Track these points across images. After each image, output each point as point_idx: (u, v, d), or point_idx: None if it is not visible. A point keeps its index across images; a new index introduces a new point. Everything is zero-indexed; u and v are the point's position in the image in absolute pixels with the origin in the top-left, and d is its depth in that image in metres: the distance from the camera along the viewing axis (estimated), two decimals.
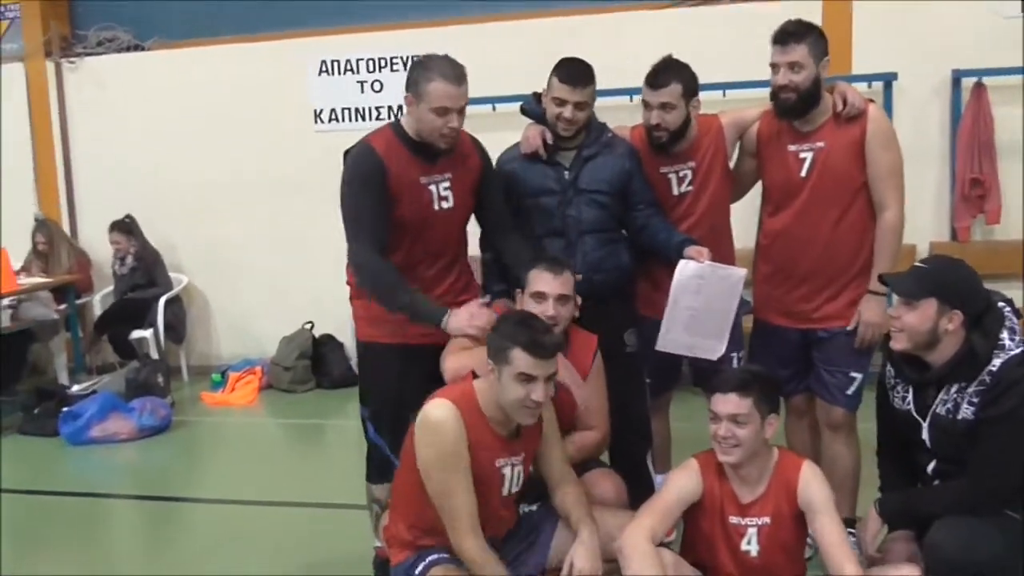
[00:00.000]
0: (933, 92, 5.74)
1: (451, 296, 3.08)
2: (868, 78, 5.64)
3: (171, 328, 6.57)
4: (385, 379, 3.09)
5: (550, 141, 3.18)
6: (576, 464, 2.93)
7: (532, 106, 3.27)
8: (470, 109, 2.99)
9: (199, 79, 6.74)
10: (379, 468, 3.16)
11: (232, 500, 4.46)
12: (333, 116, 6.50)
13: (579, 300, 2.96)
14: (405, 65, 6.41)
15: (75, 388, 5.91)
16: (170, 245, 6.89)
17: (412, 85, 2.90)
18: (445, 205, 3.00)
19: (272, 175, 6.57)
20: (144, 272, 6.53)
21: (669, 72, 3.15)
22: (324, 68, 6.52)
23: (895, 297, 2.68)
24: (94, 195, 7.07)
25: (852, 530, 3.23)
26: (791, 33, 3.05)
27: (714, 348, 3.11)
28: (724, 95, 5.39)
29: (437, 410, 2.55)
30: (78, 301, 6.73)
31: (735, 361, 3.35)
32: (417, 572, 2.59)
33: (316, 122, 6.48)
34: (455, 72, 2.87)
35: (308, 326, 6.49)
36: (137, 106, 6.86)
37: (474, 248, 3.29)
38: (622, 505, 2.91)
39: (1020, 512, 2.53)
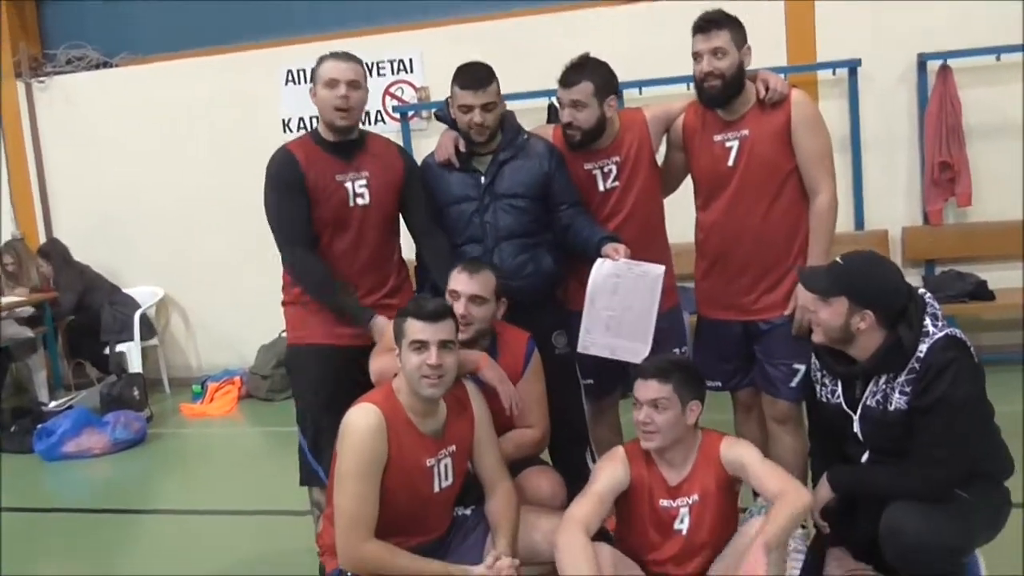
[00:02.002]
0: (899, 77, 5.71)
1: (378, 297, 3.11)
2: (832, 65, 5.65)
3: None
4: (306, 380, 3.15)
5: (462, 148, 3.17)
6: (515, 461, 2.93)
7: (445, 112, 3.25)
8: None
9: (168, 93, 6.78)
10: (304, 470, 3.19)
11: (204, 511, 4.47)
12: (301, 125, 6.53)
13: (503, 303, 2.97)
14: (371, 71, 6.43)
15: (52, 404, 5.95)
16: (147, 258, 6.96)
17: (311, 80, 3.10)
18: (361, 202, 3.07)
19: (244, 185, 6.54)
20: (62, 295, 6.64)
21: (581, 71, 3.12)
22: (291, 77, 6.55)
23: None
24: (70, 211, 7.13)
25: (803, 525, 3.23)
26: (712, 20, 3.02)
27: (637, 351, 3.03)
28: (688, 88, 5.37)
29: (360, 417, 2.56)
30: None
31: None
32: (351, 574, 2.58)
33: (284, 131, 6.51)
34: (343, 54, 3.08)
35: (285, 334, 6.48)
36: (109, 122, 6.91)
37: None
38: (559, 502, 2.90)
39: (967, 490, 2.51)
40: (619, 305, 3.03)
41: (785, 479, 2.57)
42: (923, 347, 2.50)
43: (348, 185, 3.06)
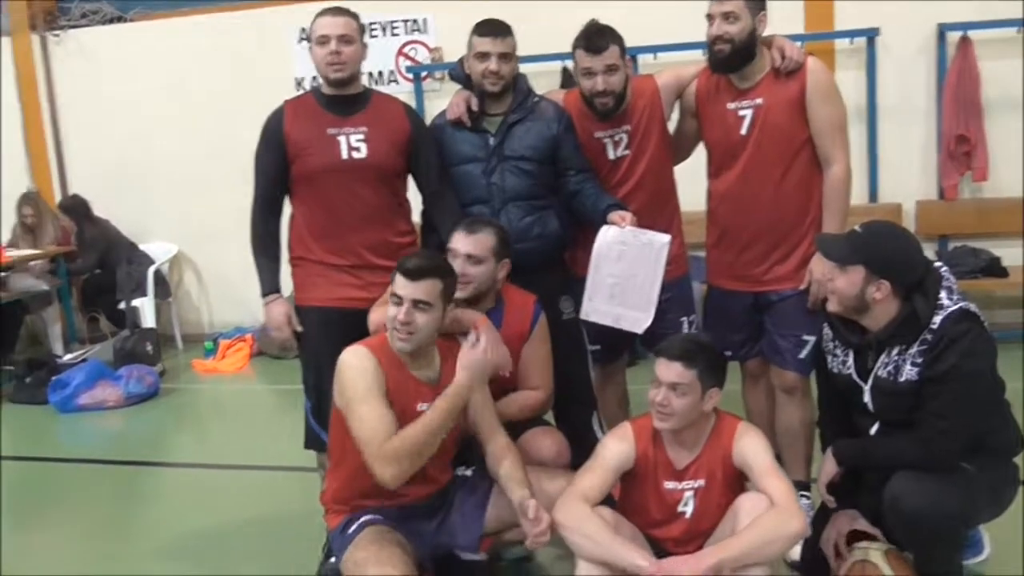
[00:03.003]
0: (918, 48, 5.63)
1: (378, 256, 3.11)
2: (850, 34, 5.58)
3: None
4: (308, 342, 3.15)
5: (475, 107, 3.17)
6: (517, 423, 2.95)
7: (459, 71, 3.24)
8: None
9: (183, 49, 6.75)
10: (308, 434, 3.22)
11: (216, 465, 4.54)
12: (315, 83, 6.47)
13: (505, 264, 2.95)
14: (385, 31, 6.41)
15: (66, 357, 6.02)
16: (161, 214, 6.98)
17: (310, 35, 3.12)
18: (356, 155, 3.07)
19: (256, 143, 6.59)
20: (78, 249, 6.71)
21: (606, 35, 3.10)
22: (304, 35, 6.50)
23: None
24: (85, 167, 7.15)
25: (806, 493, 3.26)
26: None
27: (639, 320, 3.05)
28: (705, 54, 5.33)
29: (347, 354, 2.61)
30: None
31: (686, 326, 3.34)
32: (350, 532, 2.62)
33: (297, 89, 6.48)
34: (335, 8, 3.10)
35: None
36: (123, 77, 6.89)
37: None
38: (563, 463, 2.92)
39: (972, 463, 2.52)
40: (623, 273, 3.03)
41: (786, 496, 2.46)
42: (937, 319, 2.50)
43: (341, 139, 3.05)
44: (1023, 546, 2.99)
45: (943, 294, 2.54)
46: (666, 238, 3.05)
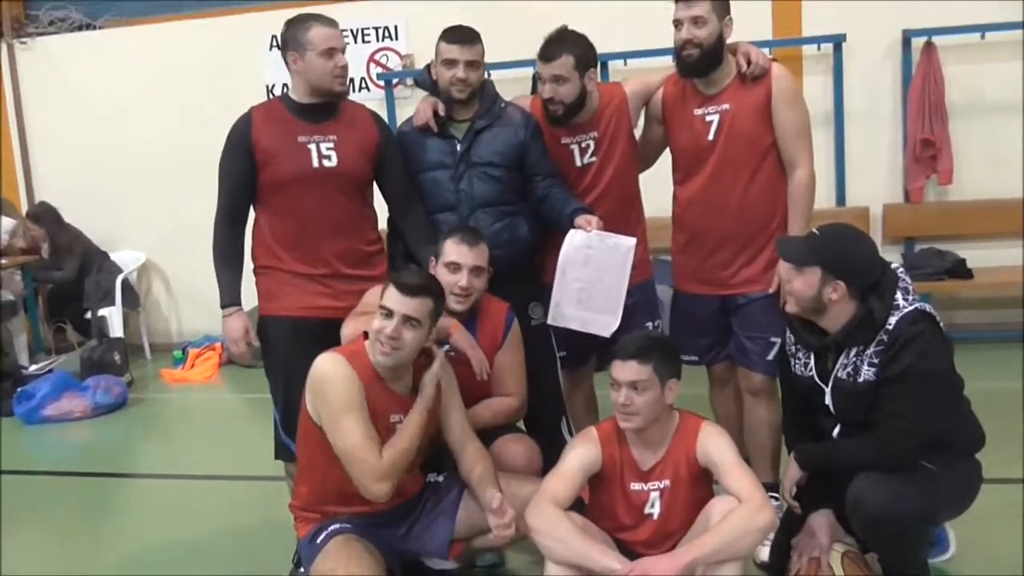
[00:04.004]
0: (884, 53, 5.71)
1: (347, 265, 3.08)
2: (817, 40, 5.64)
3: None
4: (276, 352, 3.10)
5: (442, 113, 3.16)
6: (489, 430, 2.95)
7: (425, 77, 3.24)
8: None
9: (152, 56, 6.73)
10: (278, 444, 3.18)
11: (185, 475, 4.50)
12: (285, 91, 6.44)
13: (490, 271, 2.97)
14: (356, 38, 6.40)
15: (32, 368, 5.94)
16: (129, 223, 6.93)
17: (292, 42, 3.02)
18: (328, 164, 3.02)
19: None
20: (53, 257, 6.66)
21: (562, 44, 3.10)
22: (275, 43, 6.48)
23: None
24: (52, 175, 7.08)
25: (775, 494, 3.28)
26: None
27: (607, 324, 3.07)
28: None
29: (326, 362, 2.58)
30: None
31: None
32: (319, 542, 2.61)
33: (268, 96, 6.46)
34: (329, 19, 3.04)
35: None
36: (92, 85, 6.85)
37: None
38: (534, 470, 2.92)
39: (934, 462, 2.55)
40: (590, 277, 3.05)
41: (752, 490, 2.48)
42: (892, 320, 2.52)
43: (312, 147, 3.00)
44: (988, 544, 3.03)
45: (899, 295, 2.56)
46: (632, 241, 3.06)
